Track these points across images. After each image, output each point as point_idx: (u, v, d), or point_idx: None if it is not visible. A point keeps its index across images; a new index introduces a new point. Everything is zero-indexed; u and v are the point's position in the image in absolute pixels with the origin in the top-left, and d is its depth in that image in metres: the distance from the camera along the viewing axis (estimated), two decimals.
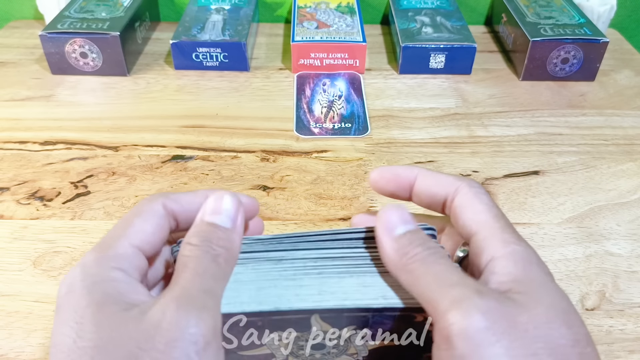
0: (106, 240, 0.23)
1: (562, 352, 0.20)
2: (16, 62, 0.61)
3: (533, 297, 0.21)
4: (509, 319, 0.20)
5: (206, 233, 0.23)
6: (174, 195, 0.25)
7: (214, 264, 0.22)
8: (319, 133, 0.51)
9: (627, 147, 0.50)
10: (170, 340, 0.19)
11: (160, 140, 0.49)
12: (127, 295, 0.21)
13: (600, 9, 0.64)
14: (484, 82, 0.59)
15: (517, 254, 0.23)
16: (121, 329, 0.20)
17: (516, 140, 0.50)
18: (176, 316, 0.20)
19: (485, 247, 0.23)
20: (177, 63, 0.59)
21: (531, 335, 0.20)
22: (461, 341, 0.20)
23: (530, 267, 0.22)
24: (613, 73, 0.61)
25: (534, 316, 0.20)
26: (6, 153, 0.47)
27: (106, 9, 0.60)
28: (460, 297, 0.20)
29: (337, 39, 0.58)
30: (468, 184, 0.26)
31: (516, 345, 0.19)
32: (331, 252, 0.25)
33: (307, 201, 0.43)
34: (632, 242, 0.40)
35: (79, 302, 0.21)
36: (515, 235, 0.24)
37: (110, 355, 0.19)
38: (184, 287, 0.21)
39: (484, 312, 0.20)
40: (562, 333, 0.20)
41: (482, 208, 0.24)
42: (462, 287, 0.21)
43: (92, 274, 0.22)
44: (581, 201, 0.44)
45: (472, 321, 0.20)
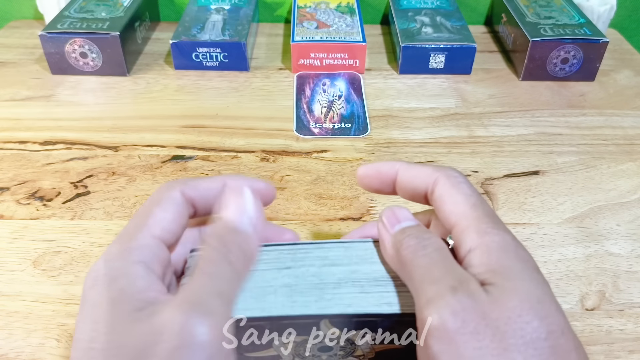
0: (128, 230, 0.23)
1: (534, 347, 0.20)
2: (16, 62, 0.61)
3: (507, 288, 0.21)
4: (480, 317, 0.20)
5: (225, 236, 0.23)
6: (192, 182, 0.25)
7: (229, 267, 0.22)
8: (319, 133, 0.51)
9: (627, 147, 0.50)
10: (178, 347, 0.19)
11: (160, 140, 0.49)
12: (143, 293, 0.21)
13: (600, 9, 0.64)
14: (484, 82, 0.59)
15: (493, 243, 0.22)
16: (132, 332, 0.20)
17: (516, 140, 0.50)
18: (185, 321, 0.19)
19: (463, 239, 0.23)
20: (177, 63, 0.59)
21: (502, 331, 0.20)
22: (434, 340, 0.20)
23: (506, 255, 0.22)
24: (613, 73, 0.61)
25: (505, 311, 0.20)
26: (6, 153, 0.47)
27: (106, 9, 0.60)
28: (435, 294, 0.21)
29: (337, 39, 0.58)
30: (445, 174, 0.26)
31: (486, 343, 0.19)
32: (335, 260, 0.25)
33: (307, 201, 0.43)
34: (632, 242, 0.40)
35: (99, 298, 0.21)
36: (492, 223, 0.23)
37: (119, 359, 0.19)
38: (196, 291, 0.21)
39: (455, 311, 0.20)
40: (535, 326, 0.20)
41: (460, 198, 0.24)
42: (440, 283, 0.21)
43: (114, 268, 0.22)
44: (581, 201, 0.44)
45: (443, 321, 0.20)
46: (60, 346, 0.33)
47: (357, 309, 0.23)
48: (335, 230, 0.41)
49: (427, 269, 0.22)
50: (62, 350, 0.32)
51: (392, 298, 0.23)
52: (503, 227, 0.24)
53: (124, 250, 0.22)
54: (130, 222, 0.24)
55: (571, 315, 0.35)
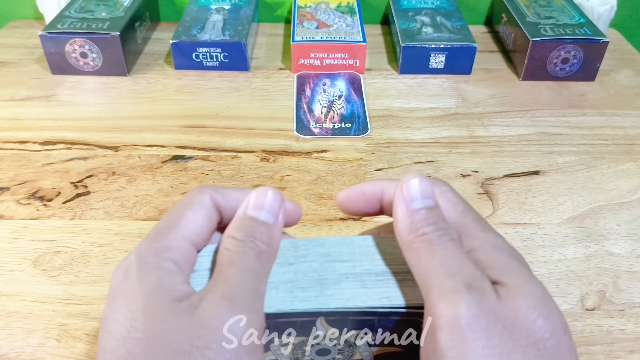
0: (159, 230, 0.23)
1: (539, 347, 0.20)
2: (16, 62, 0.61)
3: (512, 288, 0.21)
4: (491, 316, 0.20)
5: (250, 227, 0.23)
6: (222, 190, 0.25)
7: (258, 260, 0.22)
8: (319, 133, 0.51)
9: (627, 147, 0.50)
10: (219, 339, 0.20)
11: (160, 140, 0.49)
12: (179, 287, 0.21)
13: (600, 9, 0.64)
14: (484, 82, 0.59)
15: (489, 245, 0.23)
16: (172, 322, 0.20)
17: (516, 140, 0.50)
18: (229, 317, 0.20)
19: None
20: (177, 63, 0.59)
21: (509, 331, 0.20)
22: (444, 334, 0.20)
23: (503, 255, 0.23)
24: (613, 73, 0.61)
25: (512, 311, 0.20)
26: (6, 153, 0.47)
27: (106, 9, 0.60)
28: (451, 289, 0.21)
29: (337, 39, 0.58)
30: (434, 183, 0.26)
31: (495, 342, 0.20)
32: (337, 256, 0.25)
33: (307, 201, 0.43)
34: (632, 242, 0.40)
35: (134, 290, 0.21)
36: (482, 227, 0.24)
37: (163, 350, 0.20)
38: (233, 285, 0.21)
39: (470, 307, 0.20)
40: (540, 325, 0.20)
41: (448, 207, 0.24)
42: (456, 278, 0.21)
43: (147, 262, 0.22)
44: (581, 201, 0.44)
45: (457, 316, 0.20)
46: (61, 346, 0.33)
47: (357, 303, 0.23)
48: (336, 230, 0.40)
49: (443, 260, 0.22)
50: (62, 350, 0.32)
51: (393, 293, 0.23)
52: (493, 230, 0.24)
53: (156, 248, 0.22)
54: (160, 222, 0.24)
55: (571, 315, 0.35)
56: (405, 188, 0.24)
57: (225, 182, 0.45)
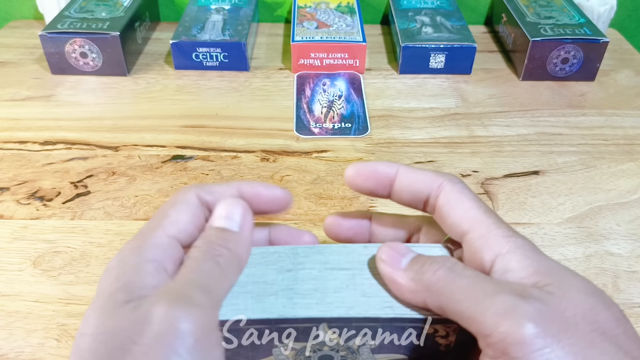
0: (143, 231, 0.24)
1: (612, 335, 0.20)
2: (16, 62, 0.61)
3: (564, 286, 0.21)
4: (558, 317, 0.20)
5: (210, 236, 0.24)
6: (207, 187, 0.26)
7: (212, 262, 0.23)
8: (319, 133, 0.51)
9: (627, 147, 0.50)
10: (158, 335, 0.19)
11: (160, 140, 0.49)
12: (145, 289, 0.21)
13: (600, 8, 0.64)
14: (484, 82, 0.59)
15: (524, 246, 0.22)
16: (117, 319, 0.20)
17: (516, 140, 0.50)
18: (165, 311, 0.20)
19: (484, 244, 0.23)
20: (177, 63, 0.59)
21: (582, 327, 0.20)
22: (520, 350, 0.19)
23: (542, 256, 0.22)
24: (613, 73, 0.61)
25: (577, 307, 0.20)
26: (6, 153, 0.47)
27: (106, 9, 0.60)
28: (505, 306, 0.20)
29: (337, 39, 0.58)
30: (450, 180, 0.25)
31: (574, 341, 0.19)
32: (336, 264, 0.25)
33: (307, 201, 0.43)
34: (632, 242, 0.40)
35: (101, 291, 0.22)
36: (510, 228, 0.23)
37: (106, 346, 0.20)
38: (177, 283, 0.22)
39: (534, 317, 0.20)
40: (606, 316, 0.20)
41: (470, 204, 0.24)
42: (503, 294, 0.20)
43: (126, 264, 0.22)
44: (581, 201, 0.44)
45: (525, 329, 0.19)
46: (60, 346, 0.33)
47: (360, 312, 0.23)
48: None
49: (473, 286, 0.21)
50: (62, 350, 0.32)
51: (395, 302, 0.23)
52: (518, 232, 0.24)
53: (137, 248, 0.23)
54: (146, 224, 0.24)
55: None
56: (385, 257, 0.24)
57: (225, 182, 0.45)
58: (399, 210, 0.43)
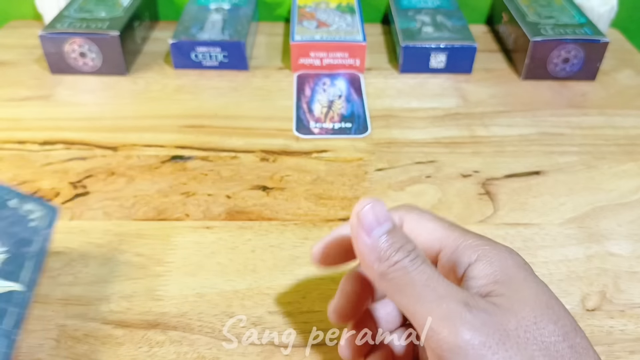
0: None
1: (555, 350, 0.20)
2: (15, 62, 0.61)
3: (516, 297, 0.21)
4: (500, 329, 0.20)
5: None
6: None
7: None
8: (319, 133, 0.50)
9: (628, 147, 0.50)
10: None
11: (160, 140, 0.49)
12: None
13: (600, 9, 0.64)
14: (485, 82, 0.59)
15: (490, 254, 0.23)
16: None
17: (517, 140, 0.50)
18: None
19: (458, 257, 0.23)
20: (177, 63, 0.59)
21: (523, 340, 0.20)
22: (453, 358, 0.20)
23: (506, 264, 0.22)
24: (614, 73, 0.61)
25: (521, 320, 0.20)
26: (5, 153, 0.47)
27: (105, 9, 0.59)
28: (449, 312, 0.20)
29: (337, 39, 0.58)
30: (406, 210, 0.26)
31: (511, 354, 0.19)
32: None
33: (307, 201, 0.43)
34: (633, 243, 0.40)
35: None
36: (477, 236, 0.24)
37: None
38: None
39: (475, 326, 0.20)
40: (551, 330, 0.20)
41: (433, 225, 0.25)
42: (450, 300, 0.21)
43: None
44: (582, 201, 0.43)
45: (464, 338, 0.20)
46: (60, 347, 0.32)
47: None
48: None
49: (426, 285, 0.21)
50: (61, 351, 0.32)
51: None
52: (487, 238, 0.24)
53: None
54: None
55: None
56: (360, 218, 0.23)
57: (224, 182, 0.44)
58: None
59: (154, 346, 0.32)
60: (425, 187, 0.44)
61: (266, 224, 0.41)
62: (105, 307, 0.34)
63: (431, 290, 0.21)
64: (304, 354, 0.32)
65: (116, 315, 0.34)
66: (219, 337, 0.33)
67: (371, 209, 0.23)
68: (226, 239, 0.39)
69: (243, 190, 0.44)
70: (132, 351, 0.32)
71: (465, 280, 0.23)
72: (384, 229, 0.23)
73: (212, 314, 0.34)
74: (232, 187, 0.44)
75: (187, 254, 0.38)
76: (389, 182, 0.45)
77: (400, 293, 0.22)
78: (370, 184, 0.45)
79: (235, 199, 0.43)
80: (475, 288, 0.22)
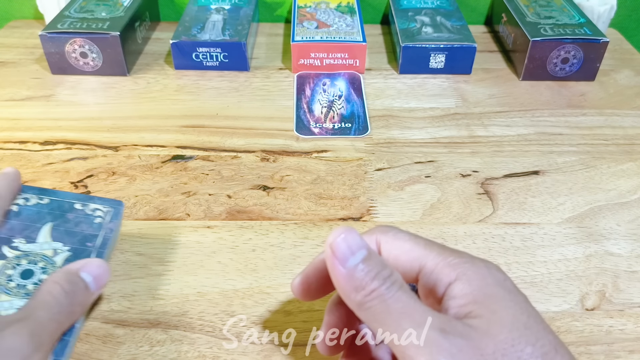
0: None
1: None
2: (16, 62, 0.61)
3: (494, 319, 0.21)
4: (477, 354, 0.20)
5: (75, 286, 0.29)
6: None
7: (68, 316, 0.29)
8: (319, 133, 0.51)
9: (627, 147, 0.50)
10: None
11: (160, 140, 0.49)
12: None
13: (600, 8, 0.64)
14: (484, 82, 0.59)
15: (469, 272, 0.23)
16: None
17: (516, 140, 0.50)
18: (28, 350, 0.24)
19: (437, 277, 0.23)
20: (177, 63, 0.59)
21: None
22: None
23: (486, 283, 0.22)
24: (613, 73, 0.61)
25: (499, 343, 0.20)
26: (6, 153, 0.47)
27: (106, 9, 0.60)
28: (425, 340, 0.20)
29: (337, 39, 0.58)
30: (381, 231, 0.25)
31: None
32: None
33: (307, 201, 0.43)
34: (632, 242, 0.40)
35: None
36: (456, 253, 0.24)
37: None
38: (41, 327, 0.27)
39: (452, 354, 0.20)
40: (529, 352, 0.20)
41: (410, 245, 0.24)
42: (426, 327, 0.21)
43: None
44: (581, 201, 0.44)
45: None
46: None
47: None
48: None
49: (403, 312, 0.21)
50: None
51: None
52: (466, 254, 0.24)
53: None
54: None
55: (571, 315, 0.35)
56: (334, 249, 0.23)
57: (225, 182, 0.45)
58: (398, 209, 0.43)
59: (154, 345, 0.32)
60: (425, 186, 0.45)
61: (267, 223, 0.41)
62: (106, 306, 0.35)
63: (407, 317, 0.21)
64: (303, 354, 0.32)
65: (117, 315, 0.34)
66: (219, 337, 0.33)
67: (343, 240, 0.23)
68: (227, 239, 0.40)
69: (244, 190, 0.44)
70: (133, 350, 0.32)
71: (445, 300, 0.23)
72: (358, 258, 0.23)
73: (212, 313, 0.34)
74: (232, 187, 0.44)
75: (188, 254, 0.38)
76: (389, 182, 0.45)
77: (378, 322, 0.22)
78: (370, 183, 0.45)
79: (236, 198, 0.43)
80: (455, 308, 0.22)
